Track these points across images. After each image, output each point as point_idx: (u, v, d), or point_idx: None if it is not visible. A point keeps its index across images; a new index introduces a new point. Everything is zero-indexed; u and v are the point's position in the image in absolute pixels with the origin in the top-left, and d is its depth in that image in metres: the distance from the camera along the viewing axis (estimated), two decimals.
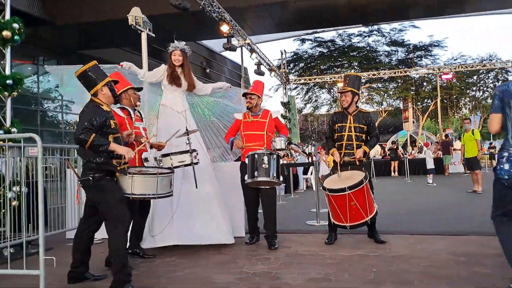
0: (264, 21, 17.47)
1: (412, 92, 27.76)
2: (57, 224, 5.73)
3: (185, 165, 4.40)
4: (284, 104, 20.83)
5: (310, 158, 13.19)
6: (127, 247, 4.56)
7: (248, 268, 4.07)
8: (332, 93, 28.25)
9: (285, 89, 21.59)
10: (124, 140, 4.02)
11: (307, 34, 26.99)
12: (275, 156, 4.75)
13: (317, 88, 28.96)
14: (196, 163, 4.49)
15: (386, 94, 28.56)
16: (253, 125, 5.07)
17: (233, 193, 5.31)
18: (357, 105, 5.13)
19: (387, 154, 20.63)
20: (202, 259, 4.46)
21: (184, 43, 5.32)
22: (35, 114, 20.26)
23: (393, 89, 28.47)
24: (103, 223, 3.65)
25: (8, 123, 5.03)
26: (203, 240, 4.76)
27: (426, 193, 10.82)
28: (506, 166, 3.05)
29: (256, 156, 4.70)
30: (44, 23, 16.93)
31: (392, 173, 19.08)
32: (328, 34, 28.03)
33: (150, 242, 4.71)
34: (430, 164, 13.60)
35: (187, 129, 4.48)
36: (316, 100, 29.99)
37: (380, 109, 29.82)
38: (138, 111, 4.61)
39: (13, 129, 4.97)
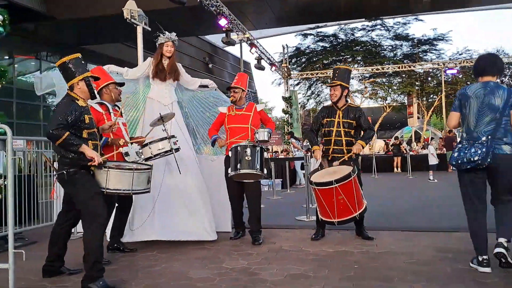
0: (264, 15, 17.34)
1: (417, 87, 27.47)
2: (47, 218, 5.71)
3: (165, 152, 4.30)
4: (285, 99, 20.69)
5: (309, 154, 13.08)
6: (109, 243, 4.53)
7: (228, 263, 3.99)
8: None
9: (287, 84, 21.43)
10: (106, 131, 3.94)
11: (310, 29, 26.76)
12: (258, 148, 4.65)
13: (319, 83, 28.73)
14: (177, 150, 4.40)
15: (390, 89, 28.22)
16: (238, 118, 4.97)
17: (220, 188, 5.21)
18: (346, 99, 5.02)
19: (390, 150, 20.46)
20: (182, 254, 4.39)
21: (175, 34, 5.23)
22: (38, 109, 20.34)
23: (397, 84, 28.15)
24: None
25: None
26: (184, 236, 4.67)
27: (425, 189, 10.69)
28: (455, 154, 3.55)
29: (239, 148, 4.61)
30: (45, 18, 16.93)
31: (395, 169, 18.91)
32: (330, 29, 27.83)
33: (130, 236, 4.64)
34: (431, 160, 13.43)
35: (160, 115, 4.38)
36: (319, 95, 29.76)
37: (385, 104, 29.49)
38: (117, 106, 4.53)
39: None
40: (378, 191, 10.36)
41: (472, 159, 3.41)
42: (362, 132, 4.98)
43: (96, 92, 3.64)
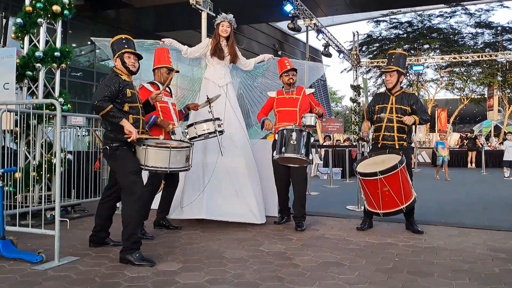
0: (335, 1, 16.87)
1: (499, 78, 25.41)
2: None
3: (209, 133, 4.37)
4: (354, 88, 20.07)
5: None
6: (155, 220, 4.71)
7: (265, 246, 3.99)
8: (407, 77, 26.58)
9: (356, 72, 20.76)
10: (153, 100, 3.99)
11: (383, 15, 25.66)
12: (304, 133, 4.56)
13: None
14: (221, 132, 4.44)
15: (468, 80, 26.35)
16: (287, 102, 4.93)
17: (269, 172, 5.18)
18: (401, 85, 4.79)
19: (464, 144, 19.22)
20: (224, 235, 4.45)
21: (232, 15, 5.25)
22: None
23: (477, 75, 26.21)
24: None
25: (56, 93, 5.33)
26: (229, 217, 4.71)
27: (496, 186, 9.93)
28: None
29: (285, 131, 4.56)
30: (126, 6, 17.81)
31: (469, 165, 17.77)
32: (405, 16, 26.48)
33: (178, 213, 4.77)
34: (507, 156, 12.42)
35: (208, 97, 4.45)
36: None
37: (462, 95, 27.62)
38: (168, 87, 4.65)
39: (60, 99, 5.24)
40: (441, 186, 9.80)
41: None
42: None
43: (130, 68, 3.67)
